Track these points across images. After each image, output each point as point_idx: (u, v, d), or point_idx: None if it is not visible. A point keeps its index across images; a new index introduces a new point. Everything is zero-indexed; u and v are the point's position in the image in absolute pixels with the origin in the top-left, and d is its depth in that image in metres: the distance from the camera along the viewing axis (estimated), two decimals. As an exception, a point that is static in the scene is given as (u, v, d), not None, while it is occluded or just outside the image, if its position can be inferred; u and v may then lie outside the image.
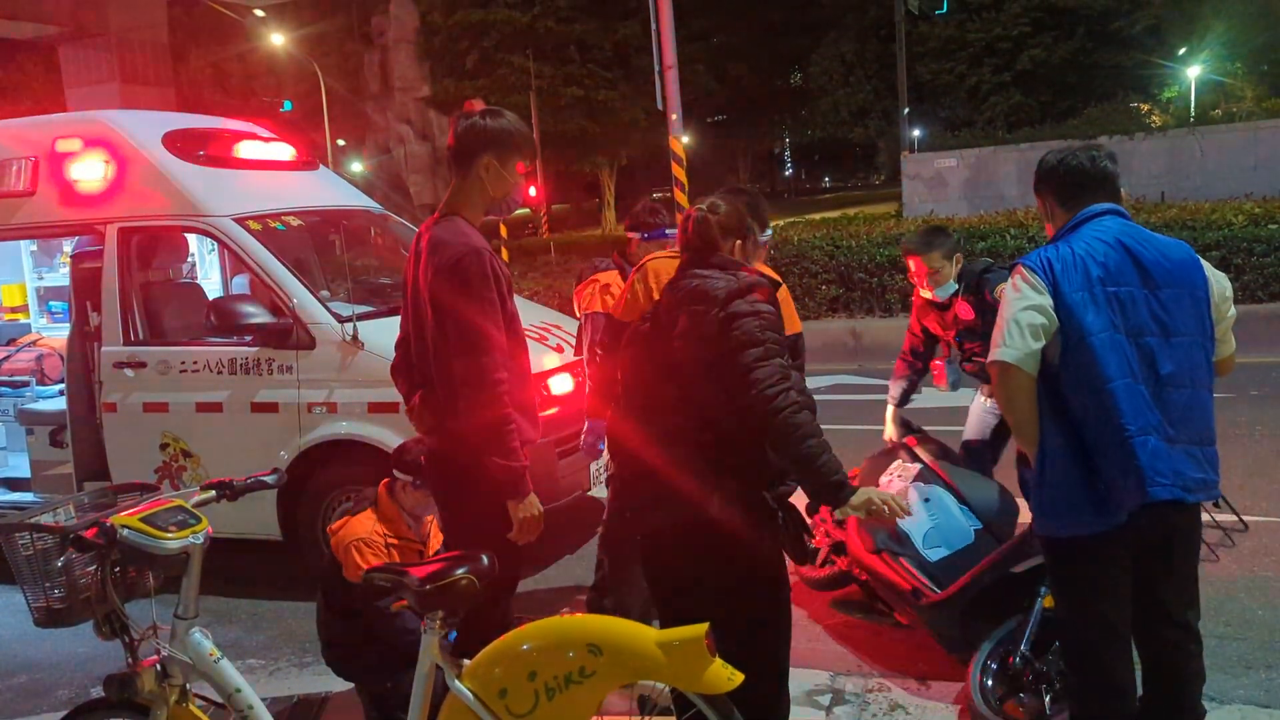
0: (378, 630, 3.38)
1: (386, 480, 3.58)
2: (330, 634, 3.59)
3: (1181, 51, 30.89)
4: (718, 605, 2.63)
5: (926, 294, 4.38)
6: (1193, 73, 31.16)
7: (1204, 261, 2.78)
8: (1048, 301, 2.61)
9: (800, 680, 3.81)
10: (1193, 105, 29.93)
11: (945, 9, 26.82)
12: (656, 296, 3.23)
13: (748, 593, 2.71)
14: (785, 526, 2.71)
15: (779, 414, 2.51)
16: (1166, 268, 2.66)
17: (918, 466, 4.20)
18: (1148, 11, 31.57)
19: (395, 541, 3.46)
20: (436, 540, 3.64)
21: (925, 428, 4.58)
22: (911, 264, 4.35)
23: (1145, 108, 30.42)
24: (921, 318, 4.58)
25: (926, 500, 4.02)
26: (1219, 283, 2.80)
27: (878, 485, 4.02)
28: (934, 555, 3.86)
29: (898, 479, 4.19)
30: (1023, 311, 2.62)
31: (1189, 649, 2.80)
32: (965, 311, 4.26)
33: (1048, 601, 3.37)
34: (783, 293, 3.01)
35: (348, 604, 3.43)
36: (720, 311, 2.62)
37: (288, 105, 34.47)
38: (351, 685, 3.67)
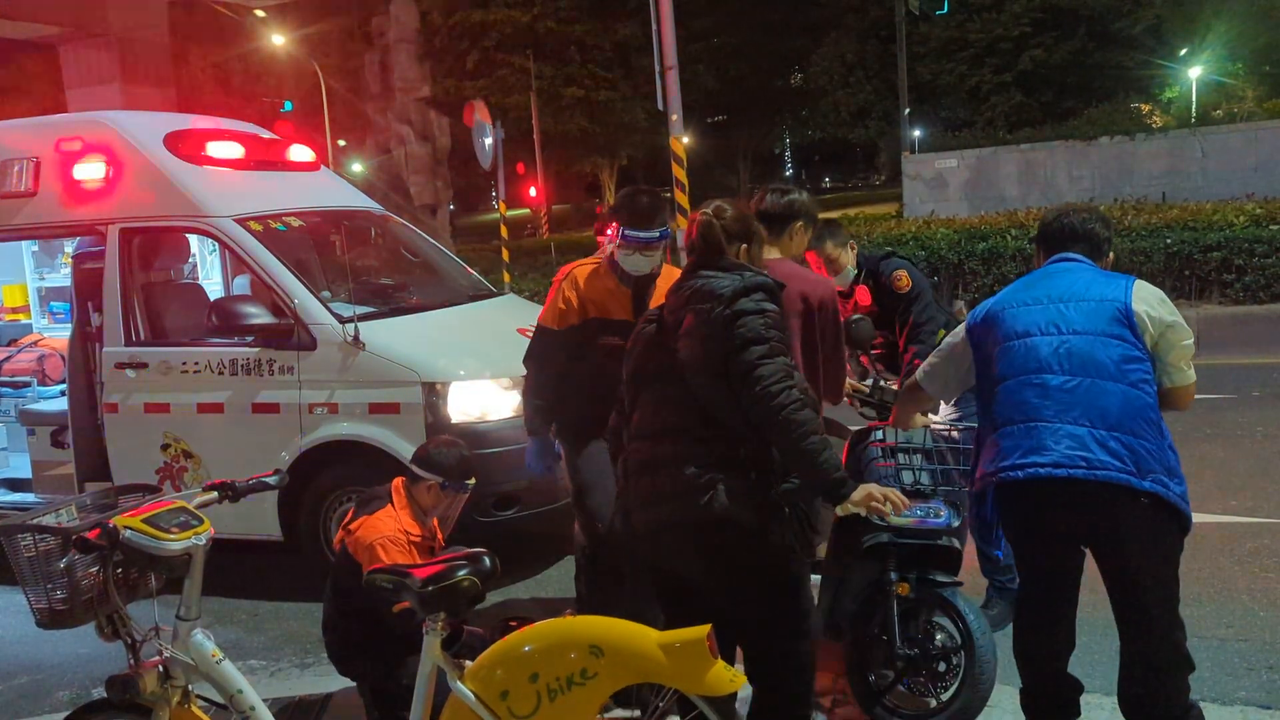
0: (392, 626, 3.37)
1: (402, 479, 3.57)
2: (339, 634, 3.58)
3: (1183, 52, 30.91)
4: (724, 602, 2.64)
5: None
6: (1194, 73, 31.18)
7: (1146, 294, 2.91)
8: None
9: (802, 681, 3.82)
10: (1194, 106, 29.96)
11: (945, 9, 26.79)
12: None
13: (755, 589, 2.72)
14: (791, 522, 2.71)
15: (781, 411, 2.54)
16: (1078, 293, 2.94)
17: None
18: (1149, 11, 31.59)
19: (416, 539, 3.46)
20: (439, 539, 3.65)
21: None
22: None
23: (1146, 108, 30.46)
24: None
25: None
26: (1153, 309, 2.88)
27: None
28: None
29: None
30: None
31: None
32: (864, 297, 4.36)
33: (902, 589, 3.41)
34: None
35: (363, 602, 3.41)
36: (725, 309, 2.66)
37: (288, 106, 34.48)
38: (353, 685, 3.67)
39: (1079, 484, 2.75)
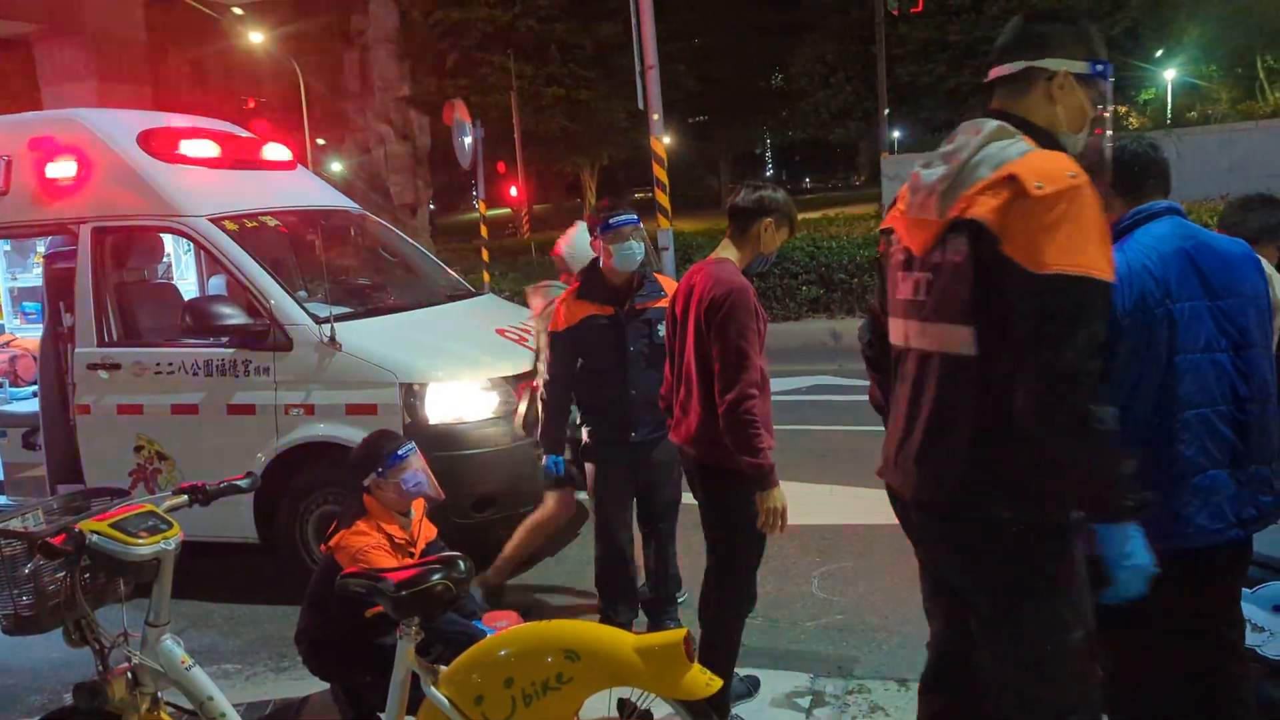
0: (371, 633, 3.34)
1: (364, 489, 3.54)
2: (314, 636, 3.53)
3: (1158, 54, 31.18)
4: None
5: None
6: (1169, 75, 31.46)
7: (1265, 262, 2.60)
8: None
9: (780, 682, 3.82)
10: (1169, 107, 30.24)
11: (921, 8, 26.89)
12: None
13: None
14: None
15: None
16: (1226, 275, 2.43)
17: None
18: (1125, 14, 31.85)
19: (401, 541, 3.42)
20: (424, 539, 3.62)
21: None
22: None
23: (1122, 109, 30.69)
24: None
25: None
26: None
27: None
28: None
29: None
30: None
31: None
32: None
33: None
34: None
35: (342, 609, 3.37)
36: None
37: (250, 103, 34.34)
38: (328, 689, 3.63)
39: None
